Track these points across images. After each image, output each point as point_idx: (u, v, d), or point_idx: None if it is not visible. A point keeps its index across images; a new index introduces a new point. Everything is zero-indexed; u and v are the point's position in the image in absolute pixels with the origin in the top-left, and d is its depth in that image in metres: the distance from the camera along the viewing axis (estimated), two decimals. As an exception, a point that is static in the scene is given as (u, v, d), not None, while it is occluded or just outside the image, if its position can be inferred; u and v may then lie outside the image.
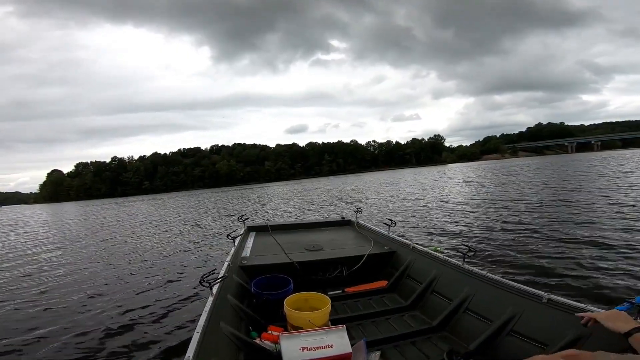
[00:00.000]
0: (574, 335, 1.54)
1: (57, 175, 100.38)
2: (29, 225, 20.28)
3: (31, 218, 27.50)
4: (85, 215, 25.66)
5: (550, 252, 4.91)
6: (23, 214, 37.15)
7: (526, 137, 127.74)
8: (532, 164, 43.02)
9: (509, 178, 21.55)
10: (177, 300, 4.35)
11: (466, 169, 45.47)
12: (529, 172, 26.19)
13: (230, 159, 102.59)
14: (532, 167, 33.10)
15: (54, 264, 7.43)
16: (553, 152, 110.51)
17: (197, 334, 1.55)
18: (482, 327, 1.97)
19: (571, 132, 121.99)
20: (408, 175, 40.46)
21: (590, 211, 7.89)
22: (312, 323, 1.98)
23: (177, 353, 2.97)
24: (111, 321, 3.83)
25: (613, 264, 4.20)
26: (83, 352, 3.22)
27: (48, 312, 4.35)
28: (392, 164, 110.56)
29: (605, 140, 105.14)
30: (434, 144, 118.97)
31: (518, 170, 29.26)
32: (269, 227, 4.19)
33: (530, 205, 9.57)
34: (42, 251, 9.49)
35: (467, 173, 34.22)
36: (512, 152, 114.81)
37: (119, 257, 7.58)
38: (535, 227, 6.72)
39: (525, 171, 27.53)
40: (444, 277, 2.50)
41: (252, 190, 42.39)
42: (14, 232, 16.09)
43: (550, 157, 72.96)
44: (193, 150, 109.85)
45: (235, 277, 2.59)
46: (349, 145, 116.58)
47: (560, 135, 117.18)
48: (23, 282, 6.04)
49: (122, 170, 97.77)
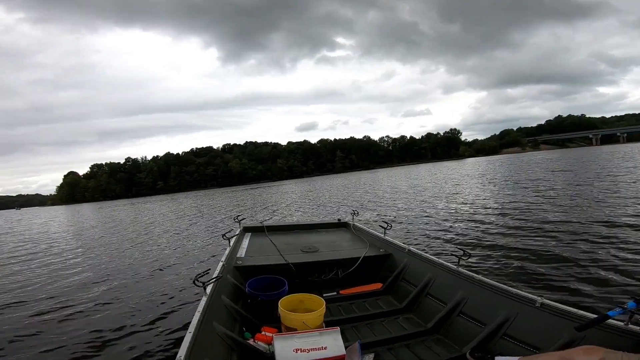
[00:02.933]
0: (567, 339, 1.53)
1: (73, 177, 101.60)
2: (29, 230, 19.27)
3: (34, 223, 26.68)
4: (94, 217, 25.32)
5: (546, 256, 4.75)
6: (31, 218, 36.80)
7: (547, 129, 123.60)
8: (565, 156, 40.24)
9: (552, 175, 19.23)
10: (171, 299, 4.28)
11: (489, 163, 42.74)
12: (569, 164, 23.84)
13: (242, 158, 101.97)
14: (569, 160, 30.53)
15: (42, 265, 7.44)
16: (576, 145, 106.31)
17: (190, 333, 1.52)
18: (476, 330, 1.98)
19: (594, 124, 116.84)
20: (436, 171, 38.23)
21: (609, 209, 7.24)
22: (307, 324, 1.98)
23: (169, 353, 2.92)
24: (102, 320, 3.80)
25: (609, 268, 4.03)
26: (73, 351, 3.15)
27: (40, 311, 4.30)
28: (407, 159, 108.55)
29: (632, 132, 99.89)
30: (450, 138, 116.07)
31: (559, 165, 26.76)
32: (264, 227, 4.17)
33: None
34: (24, 254, 9.31)
35: (496, 168, 31.84)
36: (533, 145, 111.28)
37: (114, 257, 7.61)
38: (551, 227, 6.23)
39: (564, 164, 25.12)
40: (438, 280, 2.49)
41: (263, 189, 40.90)
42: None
43: (576, 150, 69.46)
44: (205, 150, 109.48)
45: (230, 278, 2.57)
46: (361, 141, 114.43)
47: (582, 127, 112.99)
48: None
49: (136, 171, 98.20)
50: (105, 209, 37.52)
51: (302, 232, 4.23)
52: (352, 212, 4.40)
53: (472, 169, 32.94)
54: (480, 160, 62.36)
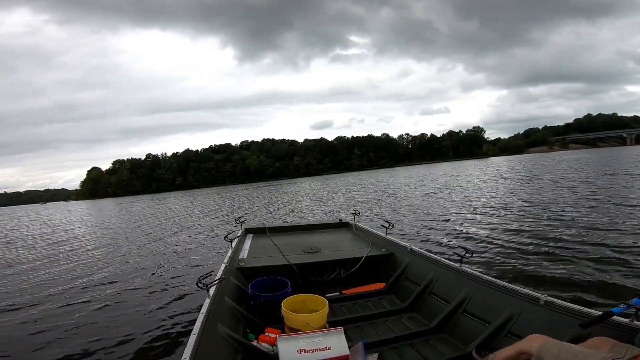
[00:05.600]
0: (571, 336, 1.52)
1: (96, 173, 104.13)
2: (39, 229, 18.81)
3: (56, 219, 26.42)
4: (108, 212, 25.19)
5: (551, 252, 4.72)
6: (43, 214, 37.13)
7: (576, 128, 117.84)
8: (602, 156, 37.49)
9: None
10: (174, 301, 4.24)
11: (520, 162, 40.36)
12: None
13: (260, 155, 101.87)
14: (608, 160, 28.05)
15: (43, 264, 7.38)
16: (607, 145, 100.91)
17: (194, 335, 1.53)
18: (480, 328, 1.97)
19: (627, 123, 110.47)
20: (461, 170, 36.37)
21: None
22: (310, 325, 1.97)
23: (173, 355, 2.88)
24: (106, 321, 3.76)
25: (614, 267, 3.94)
26: (76, 352, 3.12)
27: (39, 312, 4.27)
28: (428, 158, 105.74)
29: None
30: (473, 137, 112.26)
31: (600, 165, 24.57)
32: (266, 229, 4.18)
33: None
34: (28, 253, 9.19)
35: (536, 167, 29.72)
36: (562, 145, 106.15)
37: (116, 257, 7.51)
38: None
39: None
40: (441, 278, 2.47)
41: (280, 187, 40.05)
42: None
43: (609, 150, 65.41)
44: (224, 147, 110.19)
45: (233, 279, 2.58)
46: (380, 139, 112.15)
47: (613, 126, 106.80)
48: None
49: (157, 167, 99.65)
50: (122, 204, 37.78)
51: (304, 233, 4.22)
52: (353, 212, 4.37)
53: (505, 169, 30.94)
54: (509, 159, 59.34)
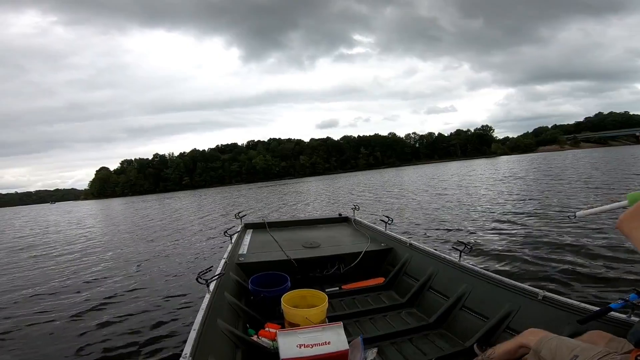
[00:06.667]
0: (569, 331, 1.53)
1: (105, 172, 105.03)
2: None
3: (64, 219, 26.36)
4: (115, 213, 25.22)
5: (548, 249, 4.73)
6: (48, 214, 37.21)
7: (586, 127, 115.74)
8: (617, 154, 36.53)
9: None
10: (174, 297, 4.25)
11: (532, 162, 39.52)
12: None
13: (266, 154, 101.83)
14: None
15: (44, 263, 7.41)
16: (619, 143, 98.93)
17: (194, 331, 1.54)
18: (479, 323, 1.98)
19: (639, 121, 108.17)
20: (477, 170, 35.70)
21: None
22: (309, 320, 1.98)
23: (174, 350, 2.87)
24: (106, 318, 3.76)
25: (610, 263, 3.98)
26: (76, 347, 3.13)
27: (40, 309, 4.25)
28: (435, 157, 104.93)
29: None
30: (481, 135, 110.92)
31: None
32: (266, 224, 4.17)
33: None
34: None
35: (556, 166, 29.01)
36: (573, 143, 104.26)
37: (117, 254, 7.57)
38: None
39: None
40: (440, 274, 2.48)
41: (287, 186, 39.79)
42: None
43: (621, 149, 64.08)
44: (230, 146, 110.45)
45: (232, 275, 2.58)
46: (386, 138, 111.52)
47: (626, 125, 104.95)
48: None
49: (164, 167, 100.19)
50: (130, 204, 37.84)
51: (303, 228, 4.21)
52: (352, 207, 4.36)
53: (519, 168, 30.21)
54: (520, 158, 58.05)
